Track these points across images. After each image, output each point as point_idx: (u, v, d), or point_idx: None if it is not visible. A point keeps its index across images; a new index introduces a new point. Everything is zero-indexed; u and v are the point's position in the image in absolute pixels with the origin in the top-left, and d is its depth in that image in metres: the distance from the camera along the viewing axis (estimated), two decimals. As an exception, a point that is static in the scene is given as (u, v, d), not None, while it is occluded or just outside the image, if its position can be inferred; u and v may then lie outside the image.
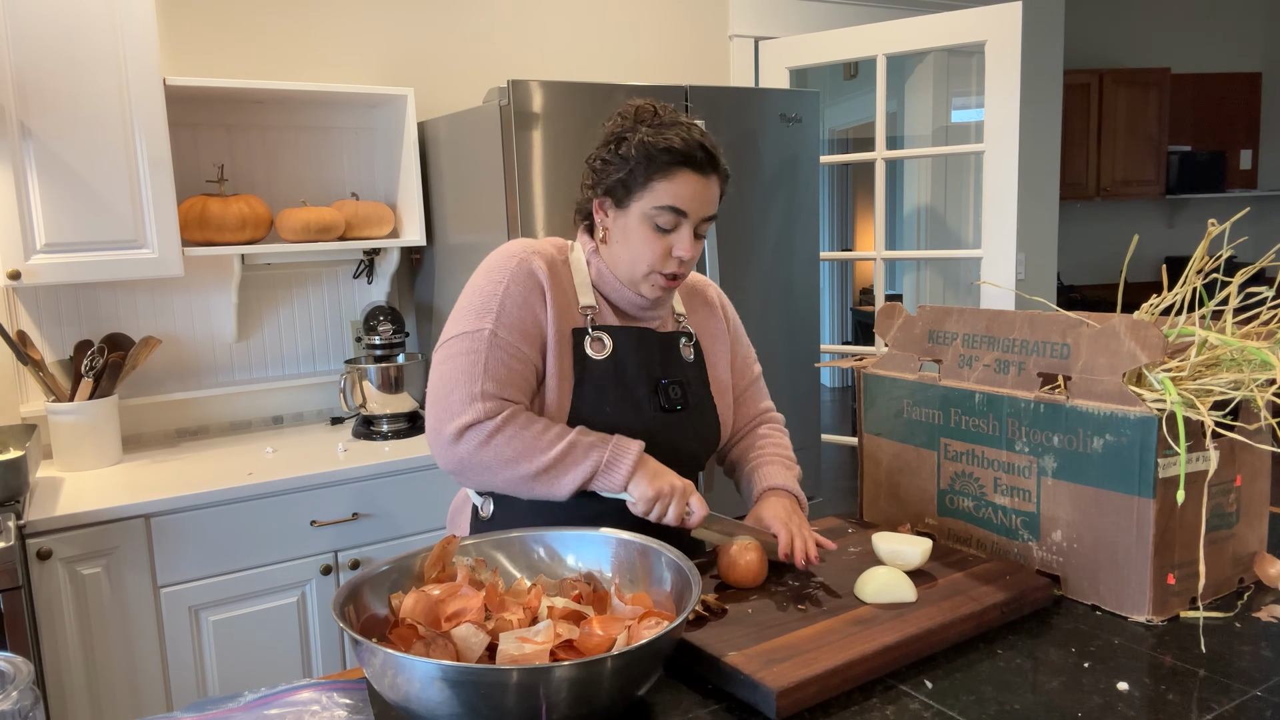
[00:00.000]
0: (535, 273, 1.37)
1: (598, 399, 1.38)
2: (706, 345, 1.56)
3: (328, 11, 2.73)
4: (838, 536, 1.48)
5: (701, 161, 1.34)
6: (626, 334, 1.43)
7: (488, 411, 1.32)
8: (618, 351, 1.41)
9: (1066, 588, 1.29)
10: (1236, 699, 1.00)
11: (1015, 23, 3.01)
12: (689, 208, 1.35)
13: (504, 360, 1.34)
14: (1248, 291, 1.31)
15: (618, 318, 1.45)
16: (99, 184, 2.18)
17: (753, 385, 1.64)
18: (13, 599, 1.80)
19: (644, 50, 3.27)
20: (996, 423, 1.35)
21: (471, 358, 1.34)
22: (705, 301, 1.59)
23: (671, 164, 1.33)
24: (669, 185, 1.34)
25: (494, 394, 1.33)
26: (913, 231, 4.13)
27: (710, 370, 1.55)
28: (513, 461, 1.32)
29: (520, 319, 1.35)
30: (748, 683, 1.02)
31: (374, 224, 2.62)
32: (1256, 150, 6.20)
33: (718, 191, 1.39)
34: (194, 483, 2.14)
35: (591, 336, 1.40)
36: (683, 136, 1.34)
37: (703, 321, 1.58)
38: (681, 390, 1.46)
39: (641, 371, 1.42)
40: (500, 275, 1.37)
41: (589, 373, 1.39)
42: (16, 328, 2.38)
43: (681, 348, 1.50)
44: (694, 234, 1.37)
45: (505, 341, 1.34)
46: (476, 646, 0.97)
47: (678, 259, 1.36)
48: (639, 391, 1.42)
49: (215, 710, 1.03)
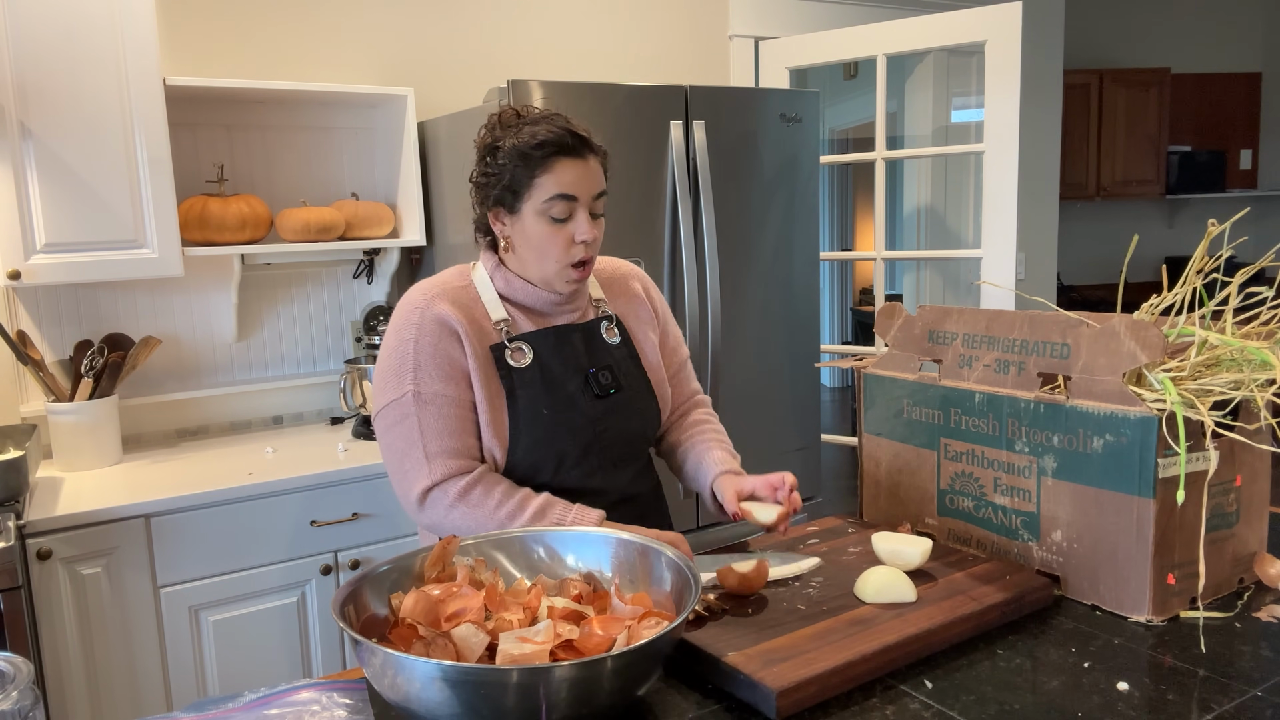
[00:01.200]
0: (440, 316, 1.41)
1: (532, 404, 1.43)
2: (631, 327, 1.59)
3: (328, 11, 2.73)
4: (838, 536, 1.48)
5: (574, 146, 1.38)
6: (544, 336, 1.47)
7: (443, 472, 1.38)
8: (539, 354, 1.45)
9: (1066, 588, 1.28)
10: (1236, 699, 1.00)
11: (1015, 23, 3.01)
12: (576, 191, 1.38)
13: (435, 414, 1.39)
14: (1248, 291, 1.31)
15: (532, 322, 1.48)
16: (99, 184, 2.18)
17: (683, 368, 1.69)
18: (13, 599, 1.80)
19: (644, 50, 3.27)
20: (996, 423, 1.35)
21: (405, 424, 1.39)
22: (626, 287, 1.62)
23: (546, 156, 1.37)
24: (551, 177, 1.37)
25: (439, 451, 1.38)
26: (913, 231, 4.13)
27: (639, 349, 1.58)
28: (468, 529, 1.38)
29: (438, 367, 1.39)
30: (748, 683, 1.02)
31: (374, 224, 2.62)
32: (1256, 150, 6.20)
33: (600, 169, 1.42)
34: (194, 483, 2.14)
35: (510, 348, 1.43)
36: (549, 129, 1.38)
37: (625, 305, 1.60)
38: (612, 374, 1.50)
39: (569, 366, 1.47)
40: (407, 332, 1.41)
41: (517, 382, 1.43)
42: (16, 328, 2.38)
43: (604, 333, 1.54)
44: (590, 215, 1.41)
45: (430, 395, 1.38)
46: (476, 646, 0.97)
47: (581, 244, 1.41)
48: (570, 386, 1.46)
49: (215, 710, 1.03)
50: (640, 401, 1.54)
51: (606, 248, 2.41)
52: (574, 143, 1.38)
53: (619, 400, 1.50)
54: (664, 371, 1.62)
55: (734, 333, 2.68)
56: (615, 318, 1.57)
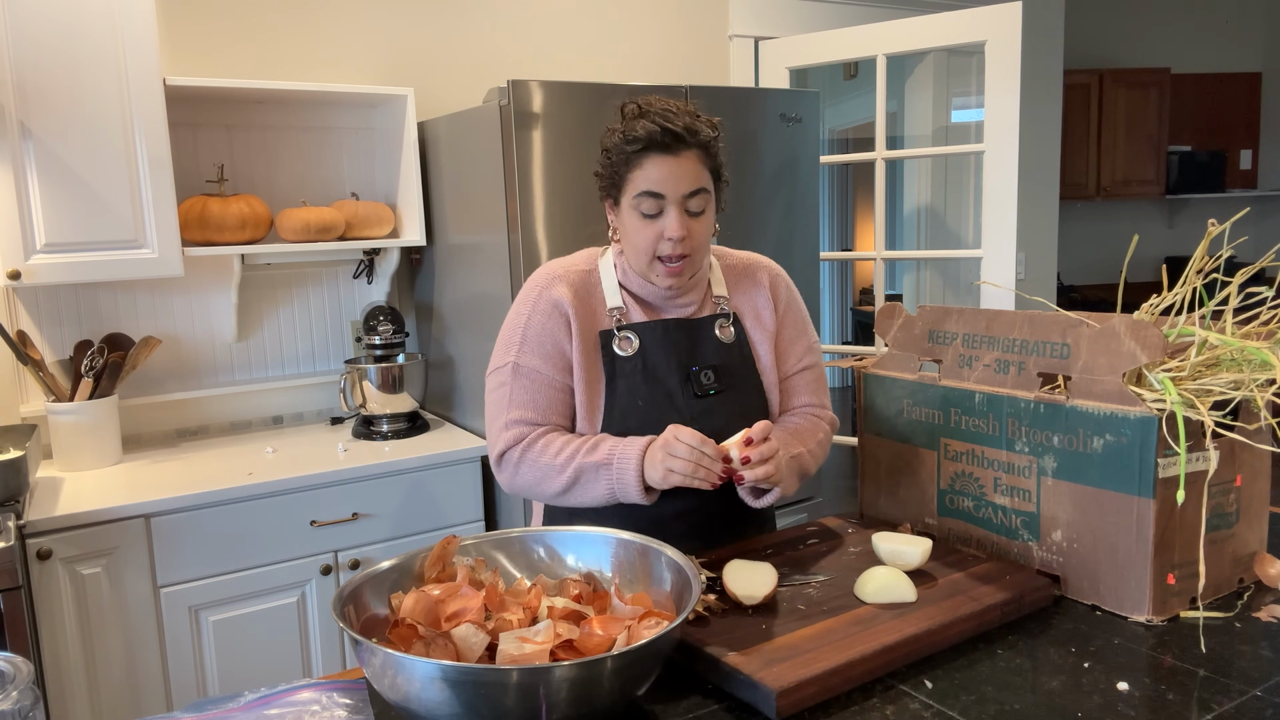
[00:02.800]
0: (555, 300, 1.46)
1: (629, 394, 1.45)
2: (749, 325, 1.56)
3: (328, 11, 2.73)
4: (838, 536, 1.48)
5: (667, 143, 1.37)
6: (651, 328, 1.48)
7: (514, 439, 1.45)
8: (645, 346, 1.47)
9: (1066, 588, 1.28)
10: (1236, 699, 1.00)
11: (1015, 23, 3.01)
12: (663, 189, 1.38)
13: (528, 388, 1.45)
14: (1248, 291, 1.31)
15: (645, 313, 1.50)
16: (99, 184, 2.18)
17: (800, 374, 1.60)
18: (13, 599, 1.80)
19: (644, 50, 3.27)
20: (996, 423, 1.35)
21: (500, 391, 1.48)
22: (754, 282, 1.58)
23: (637, 153, 1.38)
24: (641, 173, 1.39)
25: (520, 421, 1.45)
26: (913, 231, 4.13)
27: (754, 349, 1.55)
28: (538, 485, 1.44)
29: (541, 345, 1.45)
30: (748, 683, 1.01)
31: (374, 224, 2.62)
32: (1256, 150, 6.19)
33: (698, 165, 1.40)
34: (194, 483, 2.14)
35: (619, 336, 1.47)
36: (647, 124, 1.37)
37: (747, 301, 1.57)
38: (716, 374, 1.49)
39: (671, 361, 1.47)
40: (523, 308, 1.49)
41: (619, 371, 1.46)
42: (16, 328, 2.38)
43: (718, 330, 1.51)
44: (686, 212, 1.40)
45: (528, 369, 1.45)
46: (476, 646, 0.97)
47: (670, 240, 1.39)
48: (670, 382, 1.46)
49: (215, 710, 1.03)
50: (746, 404, 1.50)
51: (606, 248, 2.42)
52: (666, 139, 1.37)
53: (719, 401, 1.48)
54: (776, 373, 1.57)
55: (734, 333, 2.68)
56: (733, 315, 1.54)
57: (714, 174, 1.44)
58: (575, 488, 1.40)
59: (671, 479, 1.31)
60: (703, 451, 1.29)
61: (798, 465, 1.48)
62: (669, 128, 1.37)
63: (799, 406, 1.60)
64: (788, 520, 2.84)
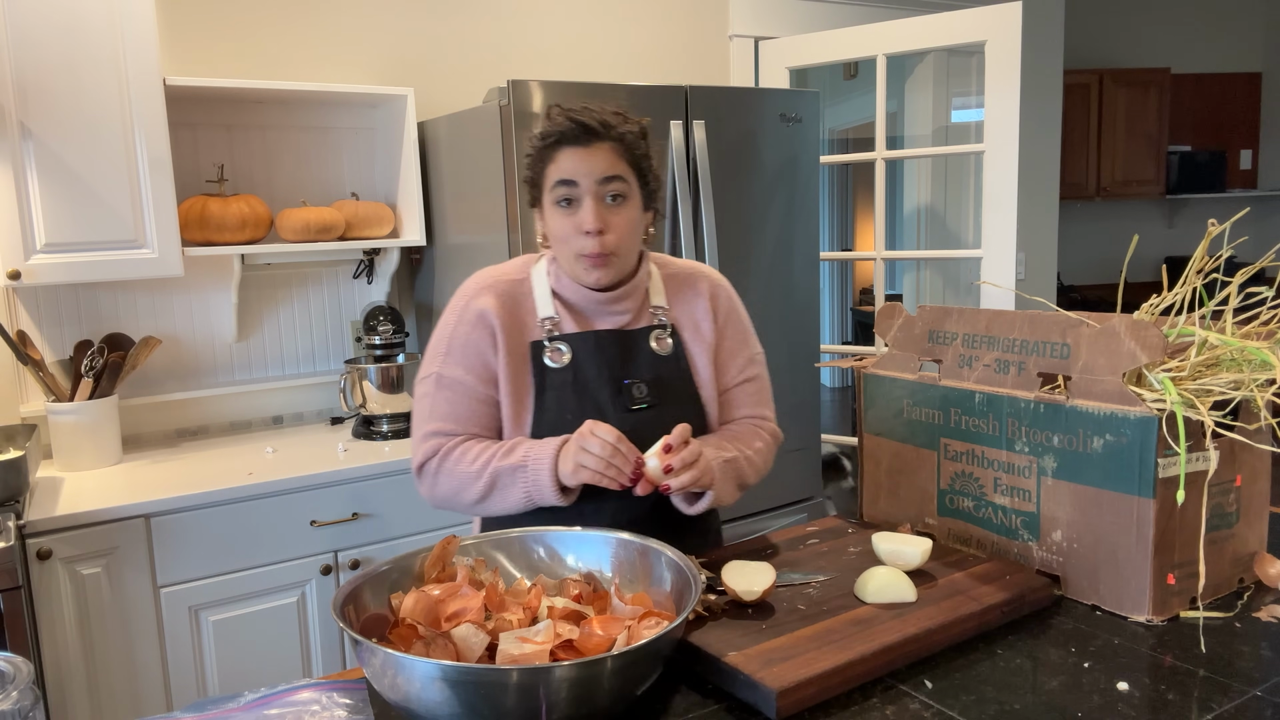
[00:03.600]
0: (480, 311, 1.44)
1: (558, 407, 1.42)
2: (687, 337, 1.52)
3: (327, 11, 2.73)
4: (838, 536, 1.48)
5: (578, 135, 1.37)
6: (584, 339, 1.45)
7: (431, 450, 1.43)
8: (577, 357, 1.44)
9: (1066, 588, 1.28)
10: (1236, 699, 1.00)
11: (1015, 23, 3.01)
12: (575, 176, 1.37)
13: (450, 399, 1.43)
14: (1248, 291, 1.31)
15: (578, 323, 1.46)
16: (99, 184, 2.18)
17: (741, 386, 1.56)
18: (13, 599, 1.80)
19: (644, 50, 3.27)
20: (996, 423, 1.35)
21: (423, 402, 1.46)
22: (693, 292, 1.54)
23: (549, 148, 1.39)
24: (554, 166, 1.39)
25: (439, 432, 1.43)
26: (913, 231, 4.13)
27: (691, 362, 1.51)
28: (457, 495, 1.42)
29: (465, 356, 1.44)
30: (748, 683, 1.01)
31: (374, 224, 2.62)
32: (1256, 150, 6.19)
33: (612, 156, 1.38)
34: (194, 483, 2.14)
35: (550, 347, 1.44)
36: (557, 119, 1.38)
37: (686, 312, 1.53)
38: (650, 387, 1.45)
39: (603, 373, 1.43)
40: (450, 318, 1.47)
41: (549, 383, 1.43)
42: (16, 328, 2.38)
43: (654, 341, 1.48)
44: (603, 200, 1.38)
45: (451, 380, 1.44)
46: (476, 646, 0.97)
47: (587, 232, 1.37)
48: (601, 395, 1.42)
49: (215, 710, 1.03)
50: (681, 419, 1.39)
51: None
52: (577, 131, 1.36)
53: (652, 415, 1.43)
54: (715, 386, 1.52)
55: (734, 333, 2.68)
56: (671, 327, 1.50)
57: (637, 170, 1.41)
58: (493, 494, 1.37)
59: (581, 474, 1.28)
60: (617, 449, 1.26)
61: (734, 470, 1.42)
62: (579, 120, 1.37)
63: (739, 418, 1.56)
64: (788, 520, 2.84)
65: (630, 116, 1.43)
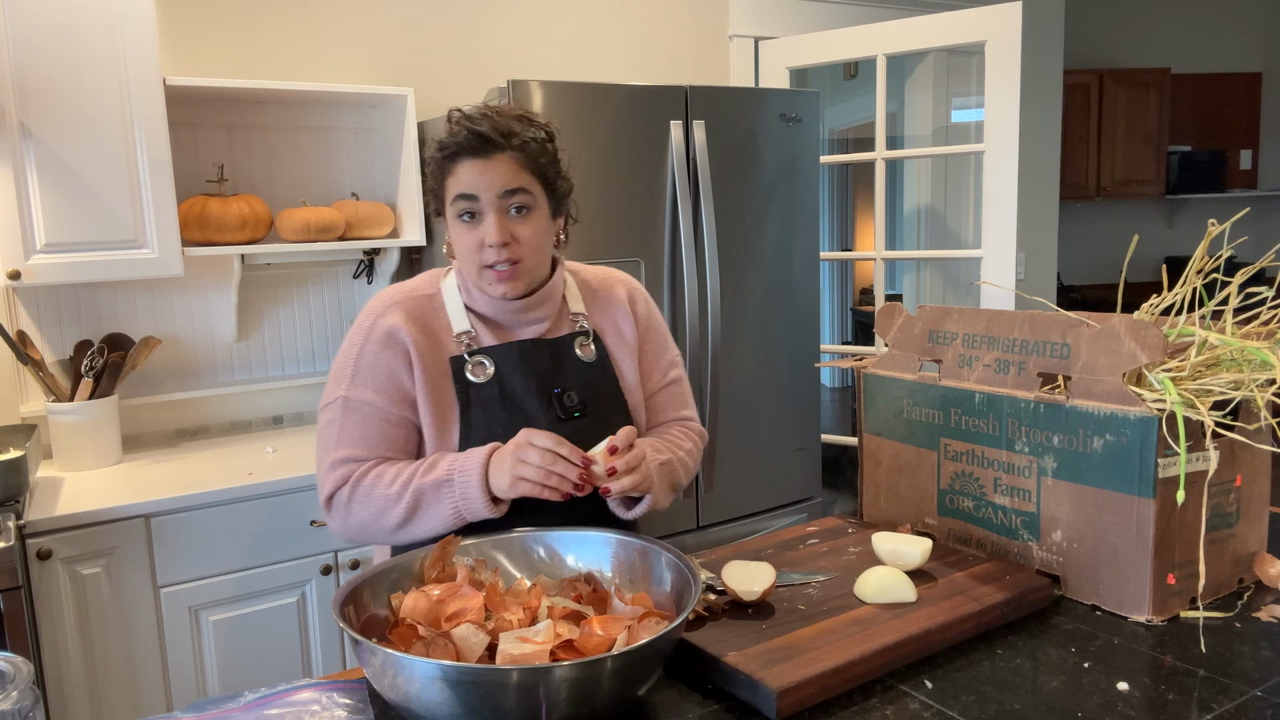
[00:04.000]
0: (390, 329, 1.37)
1: (487, 423, 1.37)
2: (611, 344, 1.50)
3: (328, 11, 2.73)
4: (838, 536, 1.48)
5: (476, 146, 1.32)
6: (507, 350, 1.40)
7: (341, 479, 1.34)
8: (500, 370, 1.39)
9: (1066, 588, 1.28)
10: (1236, 699, 1.00)
11: (1015, 23, 3.01)
12: (475, 190, 1.33)
13: (359, 423, 1.36)
14: (1248, 291, 1.31)
15: (496, 335, 1.42)
16: (99, 184, 2.18)
17: (666, 389, 1.56)
18: (13, 599, 1.80)
19: (644, 50, 3.27)
20: (996, 423, 1.35)
21: (329, 429, 1.37)
22: (611, 297, 1.53)
23: (448, 160, 1.35)
24: (454, 179, 1.35)
25: (348, 459, 1.35)
26: (913, 231, 4.13)
27: (616, 368, 1.49)
28: (375, 523, 1.33)
29: (374, 377, 1.36)
30: (748, 683, 1.02)
31: (374, 224, 2.62)
32: (1256, 150, 6.19)
33: (514, 167, 1.34)
34: (194, 483, 2.14)
35: (470, 362, 1.38)
36: (457, 130, 1.34)
37: (606, 319, 1.51)
38: (580, 395, 1.42)
39: (530, 384, 1.39)
40: (356, 338, 1.39)
41: (474, 399, 1.37)
42: (16, 328, 2.38)
43: (578, 349, 1.45)
44: (506, 213, 1.34)
45: (359, 403, 1.36)
46: (476, 646, 0.97)
47: (490, 247, 1.33)
48: (531, 406, 1.39)
49: (215, 710, 1.03)
50: (612, 426, 1.38)
51: (609, 247, 2.42)
52: (475, 142, 1.32)
53: (586, 423, 1.40)
54: (641, 392, 1.51)
55: (734, 333, 2.68)
56: (593, 333, 1.48)
57: (542, 179, 1.38)
58: (417, 515, 1.30)
59: (520, 487, 1.22)
60: (558, 454, 1.21)
61: (668, 474, 1.42)
62: (476, 130, 1.33)
63: (666, 421, 1.56)
64: (788, 520, 2.84)
65: (535, 121, 1.39)
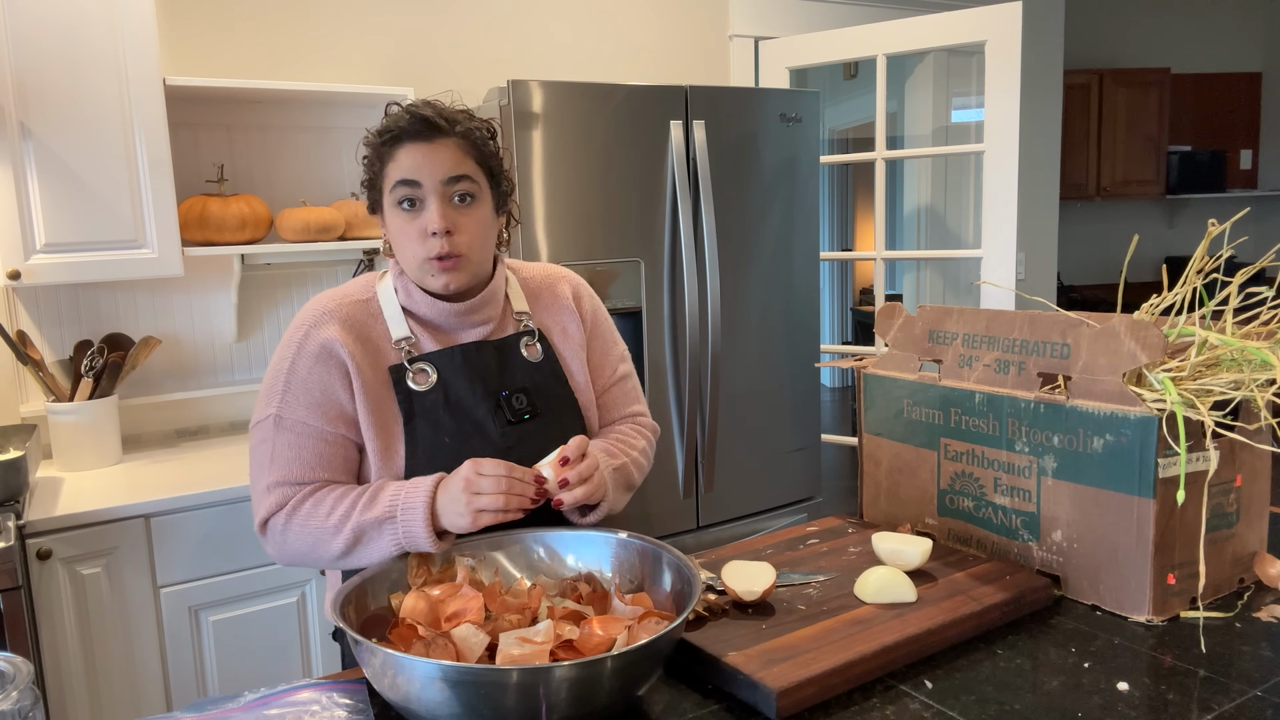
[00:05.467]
0: (325, 342, 1.30)
1: (433, 432, 1.31)
2: (557, 342, 1.46)
3: (328, 11, 2.73)
4: (838, 536, 1.48)
5: (419, 130, 1.29)
6: (449, 355, 1.35)
7: (277, 504, 1.28)
8: (444, 375, 1.33)
9: (1066, 588, 1.28)
10: (1236, 699, 1.00)
11: (1015, 23, 3.01)
12: (418, 175, 1.28)
13: (292, 443, 1.28)
14: (1248, 291, 1.31)
15: (438, 340, 1.37)
16: (99, 184, 2.18)
17: (616, 385, 1.52)
18: (13, 599, 1.80)
19: (644, 50, 3.27)
20: (996, 423, 1.35)
21: (262, 449, 1.30)
22: (555, 295, 1.49)
23: (389, 144, 1.30)
24: (395, 165, 1.30)
25: (284, 482, 1.28)
26: (913, 231, 4.13)
27: (565, 367, 1.45)
28: (312, 552, 1.27)
29: (308, 393, 1.29)
30: (748, 683, 1.01)
31: (374, 224, 2.62)
32: (1256, 150, 6.20)
33: (458, 153, 1.30)
34: (194, 483, 2.14)
35: (412, 370, 1.32)
36: (397, 115, 1.30)
37: (551, 318, 1.47)
38: (529, 397, 1.37)
39: (477, 388, 1.34)
40: (288, 352, 1.32)
41: (417, 408, 1.31)
42: (16, 328, 2.38)
43: (524, 350, 1.41)
44: (449, 200, 1.30)
45: (292, 422, 1.29)
46: (476, 646, 0.97)
47: (434, 234, 1.29)
48: (478, 411, 1.33)
49: (215, 710, 1.03)
50: (563, 427, 1.37)
51: (609, 247, 2.42)
52: (418, 125, 1.28)
53: (535, 426, 1.36)
54: (592, 390, 1.48)
55: (734, 333, 2.68)
56: (538, 332, 1.44)
57: (487, 170, 1.35)
58: (357, 549, 1.23)
59: (483, 519, 1.16)
60: (511, 479, 1.17)
61: (623, 478, 1.39)
62: (420, 114, 1.29)
63: (620, 418, 1.52)
64: (788, 520, 2.84)
65: (477, 117, 1.36)
